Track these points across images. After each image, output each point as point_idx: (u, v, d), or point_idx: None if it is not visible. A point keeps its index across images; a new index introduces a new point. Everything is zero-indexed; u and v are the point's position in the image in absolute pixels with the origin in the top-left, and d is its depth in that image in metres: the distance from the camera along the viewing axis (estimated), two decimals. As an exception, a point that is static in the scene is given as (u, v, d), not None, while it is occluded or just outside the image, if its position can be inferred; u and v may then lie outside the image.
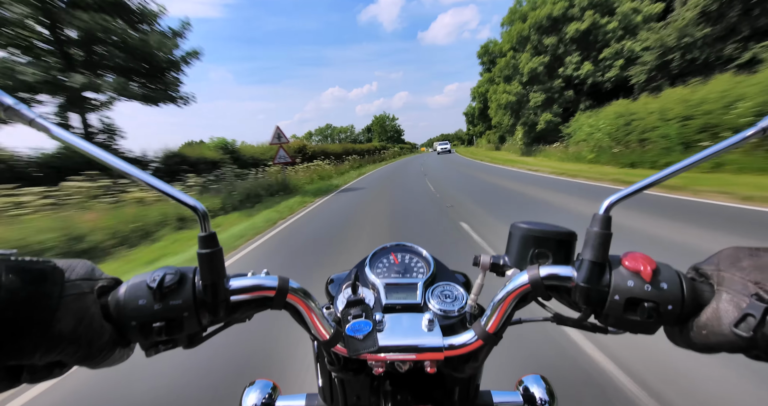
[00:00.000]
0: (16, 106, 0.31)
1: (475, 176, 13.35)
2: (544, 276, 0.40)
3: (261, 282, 0.40)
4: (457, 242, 4.40)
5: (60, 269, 0.32)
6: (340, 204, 8.77)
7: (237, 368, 1.94)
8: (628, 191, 0.36)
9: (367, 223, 6.11)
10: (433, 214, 6.39)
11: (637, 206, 5.23)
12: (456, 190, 9.55)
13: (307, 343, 0.56)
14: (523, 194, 8.08)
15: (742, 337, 0.30)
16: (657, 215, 4.99)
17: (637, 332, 0.37)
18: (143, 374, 1.88)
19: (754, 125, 0.33)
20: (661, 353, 1.85)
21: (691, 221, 4.60)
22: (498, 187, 9.67)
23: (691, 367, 1.75)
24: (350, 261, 0.66)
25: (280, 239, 5.49)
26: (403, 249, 0.64)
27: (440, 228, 5.24)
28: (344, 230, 5.67)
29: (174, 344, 0.37)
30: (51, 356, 0.31)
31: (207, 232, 0.36)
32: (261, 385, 0.65)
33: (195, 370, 1.92)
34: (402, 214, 6.79)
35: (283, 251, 4.84)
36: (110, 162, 0.33)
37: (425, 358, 0.44)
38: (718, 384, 1.65)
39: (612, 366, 1.82)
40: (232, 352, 2.07)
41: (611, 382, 1.72)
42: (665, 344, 0.40)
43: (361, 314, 0.44)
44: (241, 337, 2.15)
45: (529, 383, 0.64)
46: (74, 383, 1.92)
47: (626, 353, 1.90)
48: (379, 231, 5.37)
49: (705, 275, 0.36)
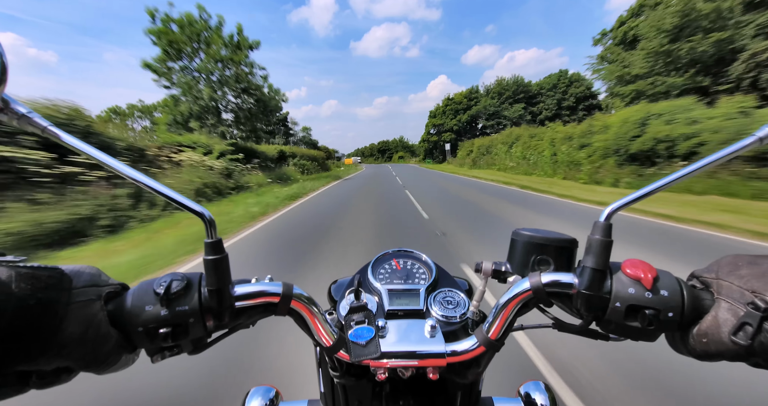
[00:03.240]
0: (29, 115, 0.32)
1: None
2: (545, 283, 0.40)
3: (265, 288, 0.40)
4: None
5: (68, 276, 0.32)
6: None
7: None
8: (628, 199, 0.37)
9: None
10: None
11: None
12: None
13: (309, 347, 0.56)
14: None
15: (740, 345, 0.30)
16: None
17: (638, 339, 0.37)
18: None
19: (752, 135, 0.34)
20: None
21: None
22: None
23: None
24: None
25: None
26: (405, 255, 0.65)
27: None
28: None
29: (179, 350, 0.38)
30: (58, 361, 0.31)
31: (213, 238, 0.36)
32: (262, 391, 0.65)
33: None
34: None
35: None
36: (119, 169, 0.34)
37: (428, 364, 0.44)
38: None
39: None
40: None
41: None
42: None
43: (363, 320, 0.45)
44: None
45: (530, 390, 0.63)
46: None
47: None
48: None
49: (705, 282, 0.37)
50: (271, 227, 6.44)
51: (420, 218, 6.64)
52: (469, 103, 52.71)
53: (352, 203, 9.37)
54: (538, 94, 47.01)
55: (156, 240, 5.40)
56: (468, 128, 53.11)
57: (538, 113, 45.51)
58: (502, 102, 48.14)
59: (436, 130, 58.80)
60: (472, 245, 4.57)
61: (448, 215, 7.02)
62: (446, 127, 54.43)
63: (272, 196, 10.43)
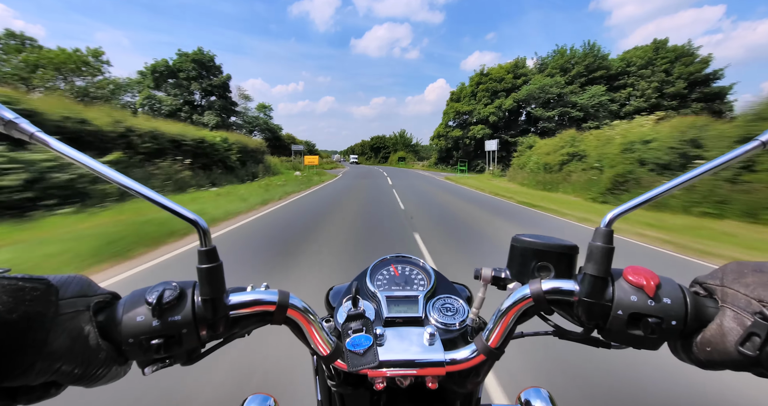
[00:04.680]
0: (16, 121, 0.31)
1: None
2: (546, 290, 0.40)
3: (261, 297, 0.39)
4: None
5: (54, 287, 0.31)
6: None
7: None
8: (629, 205, 0.37)
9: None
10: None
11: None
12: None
13: (307, 356, 0.55)
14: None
15: (747, 356, 0.30)
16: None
17: (641, 348, 0.37)
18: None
19: (755, 139, 0.33)
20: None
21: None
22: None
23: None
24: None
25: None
26: (403, 261, 0.64)
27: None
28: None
29: (172, 362, 0.37)
30: (46, 376, 0.30)
31: (208, 247, 0.35)
32: (259, 399, 0.64)
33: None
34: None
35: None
36: (109, 175, 0.34)
37: (427, 373, 0.43)
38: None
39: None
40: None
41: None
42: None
43: (361, 328, 0.44)
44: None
45: (530, 397, 0.63)
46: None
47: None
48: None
49: (709, 289, 0.36)
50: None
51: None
52: (514, 82, 33.31)
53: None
54: (623, 74, 29.80)
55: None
56: (510, 121, 34.21)
57: (623, 102, 29.33)
58: (569, 82, 30.27)
59: (459, 121, 38.05)
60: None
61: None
62: (477, 116, 34.35)
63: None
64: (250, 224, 6.58)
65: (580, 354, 2.01)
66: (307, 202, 9.90)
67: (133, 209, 6.94)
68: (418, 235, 5.55)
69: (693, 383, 1.73)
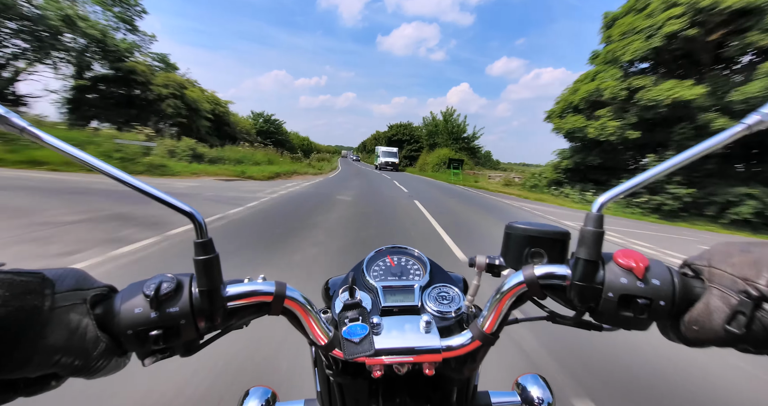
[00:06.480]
0: (7, 115, 0.31)
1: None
2: (539, 275, 0.40)
3: (258, 288, 0.39)
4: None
5: (49, 280, 0.31)
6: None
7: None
8: (619, 190, 0.37)
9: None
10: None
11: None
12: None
13: (305, 347, 0.56)
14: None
15: (734, 334, 0.31)
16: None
17: (631, 329, 0.38)
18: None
19: (741, 122, 0.34)
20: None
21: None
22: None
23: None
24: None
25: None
26: (399, 251, 0.65)
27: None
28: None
29: (171, 353, 0.37)
30: (44, 369, 0.30)
31: (204, 238, 0.35)
32: (259, 392, 0.65)
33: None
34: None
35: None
36: (102, 168, 0.33)
37: (423, 360, 0.44)
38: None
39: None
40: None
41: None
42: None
43: (357, 317, 0.45)
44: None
45: (527, 383, 0.64)
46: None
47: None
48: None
49: (696, 270, 0.37)
50: None
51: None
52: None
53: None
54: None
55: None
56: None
57: None
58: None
59: (590, 103, 15.17)
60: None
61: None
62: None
63: None
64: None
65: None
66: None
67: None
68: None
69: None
